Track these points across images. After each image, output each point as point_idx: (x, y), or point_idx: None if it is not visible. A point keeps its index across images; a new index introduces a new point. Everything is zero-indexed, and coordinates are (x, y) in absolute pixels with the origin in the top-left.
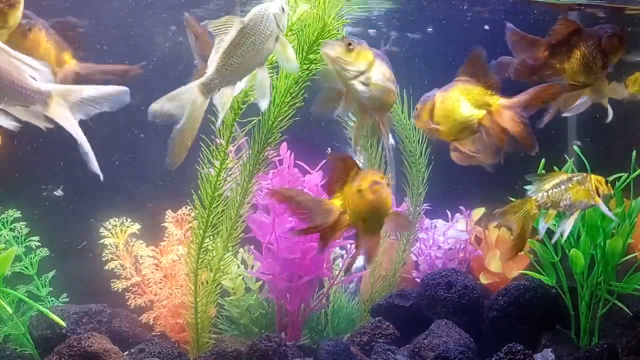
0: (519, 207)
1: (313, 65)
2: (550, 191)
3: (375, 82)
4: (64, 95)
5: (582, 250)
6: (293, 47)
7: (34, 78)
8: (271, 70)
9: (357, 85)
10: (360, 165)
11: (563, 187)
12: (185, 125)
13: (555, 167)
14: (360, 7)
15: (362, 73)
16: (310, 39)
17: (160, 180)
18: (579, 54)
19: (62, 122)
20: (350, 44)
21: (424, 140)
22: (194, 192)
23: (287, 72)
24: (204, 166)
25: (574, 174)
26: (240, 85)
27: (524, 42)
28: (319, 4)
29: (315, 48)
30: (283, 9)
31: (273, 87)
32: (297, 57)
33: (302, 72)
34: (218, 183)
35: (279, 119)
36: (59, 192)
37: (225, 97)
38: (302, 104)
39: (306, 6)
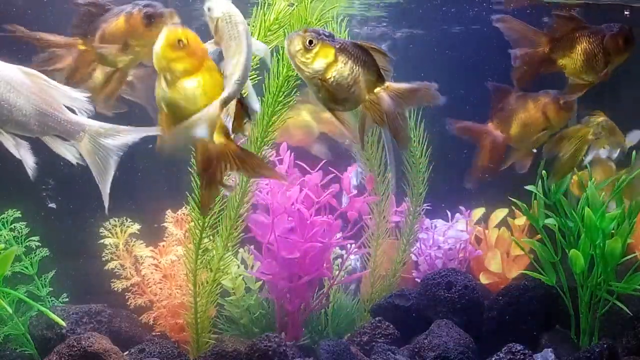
0: (575, 132)
1: None
2: (604, 123)
3: (331, 84)
4: (98, 133)
5: (582, 251)
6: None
7: (70, 108)
8: (261, 70)
9: (313, 85)
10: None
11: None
12: None
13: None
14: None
15: (318, 74)
16: None
17: (160, 180)
18: (580, 50)
19: (87, 160)
20: (311, 41)
21: (424, 140)
22: (188, 194)
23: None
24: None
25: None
26: None
27: (525, 33)
28: (301, 1)
29: None
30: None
31: (264, 87)
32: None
33: (293, 71)
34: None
35: (274, 117)
36: (52, 204)
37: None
38: (295, 102)
39: (284, 3)
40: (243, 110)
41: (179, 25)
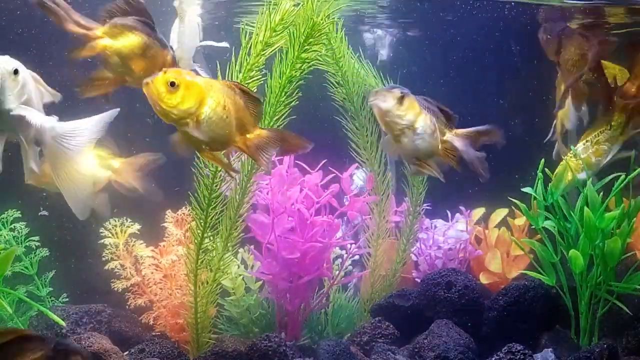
0: None
1: (305, 64)
2: None
3: (420, 134)
4: (59, 134)
5: (581, 251)
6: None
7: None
8: (264, 71)
9: (403, 137)
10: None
11: None
12: None
13: (549, 169)
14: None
15: (410, 125)
16: (301, 38)
17: (160, 180)
18: None
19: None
20: (403, 97)
21: None
22: (191, 194)
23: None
24: (200, 167)
25: None
26: None
27: None
28: (307, 3)
29: (306, 47)
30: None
31: (267, 87)
32: (290, 56)
33: (296, 71)
34: (214, 184)
35: (275, 118)
36: (43, 213)
37: None
38: (297, 102)
39: (288, 4)
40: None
41: (156, 72)
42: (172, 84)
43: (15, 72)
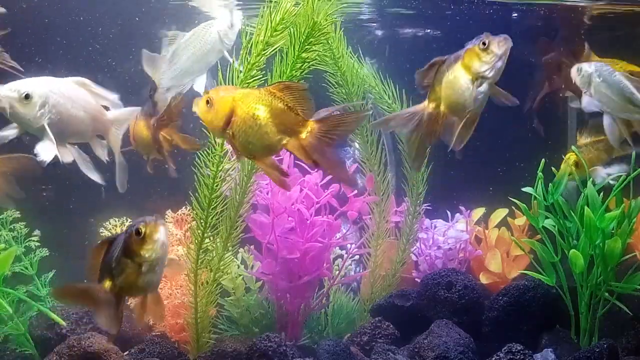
0: None
1: (306, 64)
2: None
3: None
4: (119, 121)
5: (582, 251)
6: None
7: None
8: (264, 71)
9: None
10: None
11: None
12: None
13: (553, 168)
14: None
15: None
16: (302, 37)
17: (160, 180)
18: None
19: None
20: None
21: None
22: (191, 195)
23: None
24: (201, 167)
25: None
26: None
27: None
28: (307, 2)
29: (307, 47)
30: (232, 25)
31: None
32: (290, 55)
33: (296, 71)
34: (215, 185)
35: None
36: (37, 232)
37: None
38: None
39: (290, 3)
40: None
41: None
42: (207, 102)
43: (27, 96)
